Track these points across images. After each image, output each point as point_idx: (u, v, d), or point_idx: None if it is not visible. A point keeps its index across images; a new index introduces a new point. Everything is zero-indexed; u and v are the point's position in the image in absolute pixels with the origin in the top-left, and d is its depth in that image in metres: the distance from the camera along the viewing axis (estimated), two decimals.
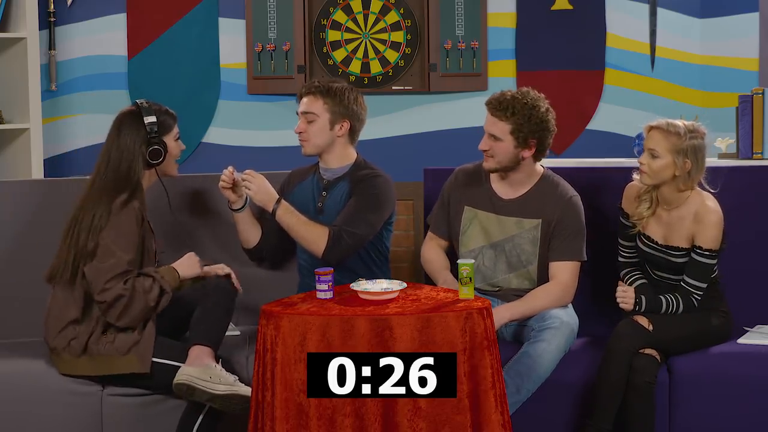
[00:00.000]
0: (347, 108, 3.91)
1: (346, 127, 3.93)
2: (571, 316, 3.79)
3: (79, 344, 3.55)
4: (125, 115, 3.68)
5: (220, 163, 5.08)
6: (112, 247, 3.51)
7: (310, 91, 3.93)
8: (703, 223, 3.70)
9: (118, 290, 3.48)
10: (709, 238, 3.69)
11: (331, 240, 3.78)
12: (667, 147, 3.68)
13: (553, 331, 3.67)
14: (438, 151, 5.61)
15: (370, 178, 3.90)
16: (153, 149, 3.64)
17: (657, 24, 5.65)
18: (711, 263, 3.70)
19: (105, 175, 3.61)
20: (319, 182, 4.00)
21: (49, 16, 5.48)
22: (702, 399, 3.65)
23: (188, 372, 3.45)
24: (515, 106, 3.75)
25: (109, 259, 3.51)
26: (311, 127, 3.91)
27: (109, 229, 3.53)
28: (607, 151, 5.42)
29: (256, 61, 5.54)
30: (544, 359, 3.62)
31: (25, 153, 5.19)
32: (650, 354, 3.61)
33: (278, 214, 3.83)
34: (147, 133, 3.63)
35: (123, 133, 3.64)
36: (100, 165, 3.65)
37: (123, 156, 3.62)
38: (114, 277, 3.49)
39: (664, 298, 3.71)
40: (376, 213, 3.87)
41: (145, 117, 3.64)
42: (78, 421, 3.60)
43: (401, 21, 5.59)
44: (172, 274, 3.62)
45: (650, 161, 3.70)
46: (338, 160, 3.96)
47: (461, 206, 3.92)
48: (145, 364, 3.53)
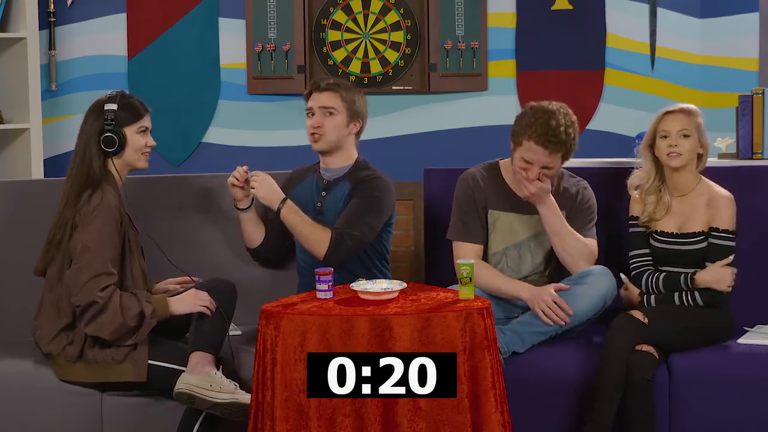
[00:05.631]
0: (362, 109, 3.97)
1: (358, 126, 3.97)
2: (607, 272, 3.82)
3: (75, 350, 3.54)
4: (92, 106, 3.66)
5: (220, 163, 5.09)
6: (88, 245, 3.47)
7: (329, 87, 3.94)
8: (717, 206, 3.79)
9: (92, 296, 3.44)
10: (725, 219, 3.77)
11: (333, 242, 3.79)
12: (695, 126, 3.80)
13: (592, 277, 3.75)
14: (438, 151, 5.61)
15: (370, 180, 3.91)
16: (106, 137, 3.58)
17: (657, 24, 5.65)
18: (730, 245, 3.76)
19: (73, 167, 3.60)
20: (319, 182, 4.00)
21: (49, 16, 5.48)
22: (702, 399, 3.65)
23: (189, 381, 3.44)
24: (567, 136, 3.75)
25: (83, 258, 3.47)
26: (329, 121, 3.92)
27: (82, 228, 3.50)
28: (607, 151, 5.41)
29: (256, 61, 5.54)
30: (583, 299, 3.70)
31: (25, 153, 5.19)
32: (647, 351, 3.62)
33: (282, 213, 3.83)
34: (104, 120, 3.59)
35: (86, 121, 3.63)
36: (74, 160, 3.63)
37: (84, 146, 3.60)
38: (91, 279, 3.45)
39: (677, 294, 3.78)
40: (377, 215, 3.88)
41: (107, 104, 3.60)
42: (78, 422, 3.60)
43: (401, 21, 5.59)
44: (162, 303, 3.54)
45: (683, 141, 3.79)
46: (341, 160, 3.97)
47: (486, 209, 3.92)
48: (141, 372, 3.52)
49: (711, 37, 5.64)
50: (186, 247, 4.05)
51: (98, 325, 3.46)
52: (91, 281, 3.45)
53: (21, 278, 3.90)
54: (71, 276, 3.48)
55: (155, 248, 3.75)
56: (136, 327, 3.48)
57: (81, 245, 3.49)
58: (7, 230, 4.02)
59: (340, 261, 3.79)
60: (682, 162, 3.80)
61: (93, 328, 3.47)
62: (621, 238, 4.01)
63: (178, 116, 5.51)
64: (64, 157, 5.56)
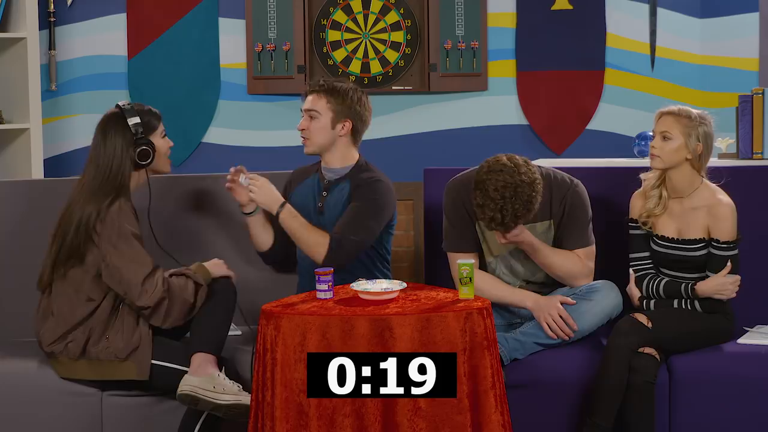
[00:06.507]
0: (350, 108, 3.91)
1: (348, 126, 3.93)
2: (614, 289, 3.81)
3: (77, 347, 3.54)
4: (109, 119, 3.63)
5: (220, 163, 5.09)
6: (127, 252, 3.49)
7: (314, 89, 3.94)
8: (717, 216, 3.75)
9: (158, 293, 3.48)
10: (724, 231, 3.74)
11: (331, 247, 3.78)
12: (680, 129, 3.75)
13: (600, 294, 3.75)
14: (438, 151, 5.61)
15: (370, 183, 3.89)
16: (141, 150, 3.60)
17: (657, 24, 5.65)
18: (730, 255, 3.74)
19: (93, 180, 3.58)
20: (320, 182, 4.00)
21: (49, 16, 5.48)
22: (702, 399, 3.65)
23: (192, 382, 3.45)
24: (515, 216, 3.60)
25: (130, 265, 3.49)
26: (313, 124, 3.91)
27: (111, 236, 3.50)
28: (607, 151, 5.42)
29: (256, 61, 5.54)
30: (588, 315, 3.71)
31: (25, 153, 5.19)
32: (650, 353, 3.62)
33: (281, 217, 3.82)
34: (133, 135, 3.60)
35: (108, 137, 3.60)
36: (88, 170, 3.61)
37: (112, 161, 3.58)
38: (146, 278, 3.48)
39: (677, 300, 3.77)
40: (377, 219, 3.87)
41: (129, 119, 3.60)
42: (78, 422, 3.60)
43: (401, 21, 5.59)
44: (203, 269, 3.62)
45: (662, 144, 3.76)
46: (340, 161, 3.96)
47: (476, 218, 3.88)
48: (143, 371, 3.52)
49: (711, 37, 5.64)
50: (186, 247, 4.04)
51: (174, 315, 3.52)
52: (147, 281, 3.48)
53: (21, 278, 3.90)
54: (125, 285, 3.49)
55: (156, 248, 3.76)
56: (195, 301, 3.55)
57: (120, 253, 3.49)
58: (7, 230, 4.02)
59: (339, 265, 3.78)
60: (661, 164, 3.77)
61: (171, 320, 3.53)
62: (621, 239, 4.00)
63: (178, 116, 5.51)
64: (64, 157, 5.56)
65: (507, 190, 3.54)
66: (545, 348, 3.72)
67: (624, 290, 3.84)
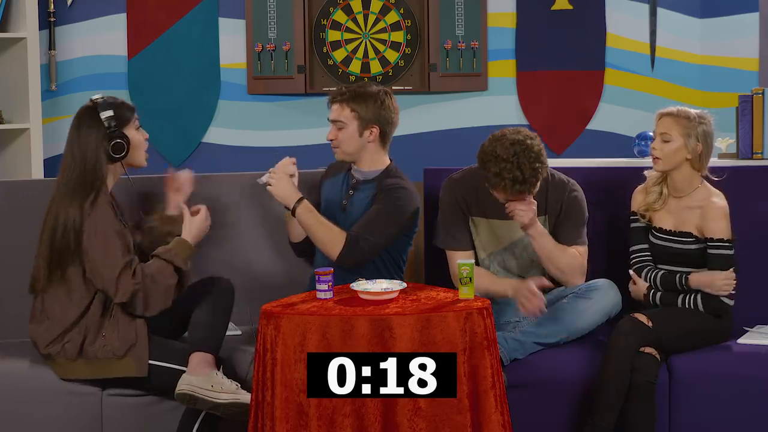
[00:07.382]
0: (375, 113, 3.90)
1: (376, 132, 3.92)
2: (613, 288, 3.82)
3: (74, 347, 3.54)
4: (83, 114, 3.63)
5: (220, 163, 5.10)
6: (103, 249, 3.49)
7: (336, 99, 3.93)
8: (708, 217, 3.78)
9: (129, 287, 3.48)
10: (716, 229, 3.76)
11: (347, 245, 3.77)
12: (679, 130, 3.78)
13: (598, 293, 3.76)
14: (438, 151, 5.61)
15: (394, 189, 3.89)
16: (115, 143, 3.59)
17: (657, 24, 5.65)
18: (726, 254, 3.75)
19: (71, 174, 3.58)
20: (349, 180, 4.00)
21: (49, 16, 5.47)
22: (702, 399, 3.65)
23: (190, 381, 3.45)
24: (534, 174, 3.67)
25: (106, 261, 3.49)
26: (341, 134, 3.91)
27: (90, 233, 3.50)
28: (607, 151, 5.42)
29: (256, 61, 5.54)
30: (587, 314, 3.73)
31: (25, 153, 5.19)
32: (650, 353, 3.62)
33: (298, 212, 3.81)
34: (106, 128, 3.59)
35: (82, 130, 3.60)
36: (64, 165, 3.61)
37: (86, 154, 3.58)
38: (121, 273, 3.48)
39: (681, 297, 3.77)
40: (395, 225, 3.86)
41: (102, 112, 3.60)
42: (78, 422, 3.60)
43: (401, 21, 5.59)
44: (183, 245, 3.61)
45: (662, 146, 3.79)
46: (369, 165, 3.96)
47: (469, 215, 3.91)
48: (142, 368, 3.52)
49: (711, 37, 5.64)
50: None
51: (152, 303, 3.52)
52: (122, 277, 3.48)
53: (21, 278, 3.89)
54: (102, 281, 3.50)
55: None
56: (179, 280, 3.56)
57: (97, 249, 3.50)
58: (6, 230, 4.02)
59: (353, 264, 3.78)
60: (662, 166, 3.81)
61: (152, 308, 3.53)
62: (621, 238, 4.01)
63: (178, 116, 5.51)
64: None
65: (516, 146, 3.62)
66: (545, 348, 3.73)
67: (624, 289, 3.85)
